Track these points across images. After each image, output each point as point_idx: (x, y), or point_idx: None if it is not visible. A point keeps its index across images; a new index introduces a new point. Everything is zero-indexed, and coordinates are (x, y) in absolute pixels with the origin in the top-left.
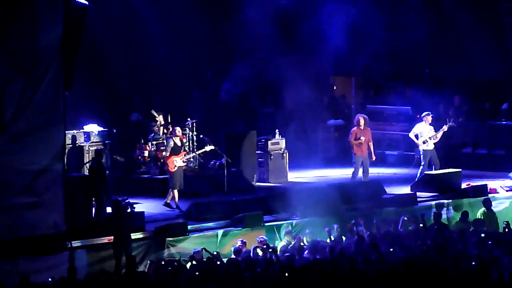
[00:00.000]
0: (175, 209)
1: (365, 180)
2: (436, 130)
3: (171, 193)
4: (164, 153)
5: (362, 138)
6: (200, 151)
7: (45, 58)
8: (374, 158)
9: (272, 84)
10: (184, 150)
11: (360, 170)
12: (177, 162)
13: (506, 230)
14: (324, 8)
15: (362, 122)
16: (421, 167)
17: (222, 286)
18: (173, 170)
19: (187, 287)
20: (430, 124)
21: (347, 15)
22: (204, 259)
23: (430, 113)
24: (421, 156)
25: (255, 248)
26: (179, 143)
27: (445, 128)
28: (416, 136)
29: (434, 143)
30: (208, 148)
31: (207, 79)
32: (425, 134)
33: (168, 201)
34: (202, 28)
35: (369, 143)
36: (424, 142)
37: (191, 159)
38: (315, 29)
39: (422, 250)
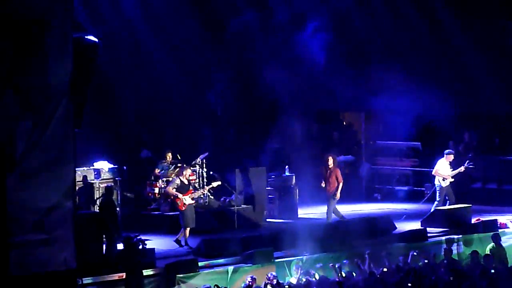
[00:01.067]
0: (184, 246)
1: (328, 218)
2: (454, 168)
3: (183, 230)
4: (168, 188)
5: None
6: (207, 188)
7: (55, 95)
8: (337, 197)
9: (279, 120)
10: (193, 188)
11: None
12: (186, 200)
13: None
14: None
15: (330, 161)
16: (435, 203)
17: None
18: (183, 208)
19: None
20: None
21: None
22: None
23: (452, 151)
24: (437, 192)
25: (266, 285)
26: (185, 182)
27: (462, 168)
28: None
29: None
30: (215, 184)
31: (217, 115)
32: (445, 171)
33: (179, 238)
34: (212, 64)
35: (339, 183)
36: (443, 179)
37: (201, 196)
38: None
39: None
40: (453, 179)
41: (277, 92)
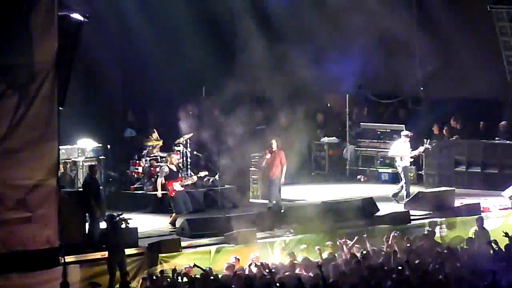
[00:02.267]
0: (171, 225)
1: (276, 202)
2: (414, 149)
3: (177, 215)
4: (158, 180)
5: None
6: (194, 178)
7: (39, 74)
8: (283, 181)
9: (265, 100)
10: (180, 175)
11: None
12: (176, 186)
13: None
14: None
15: (274, 144)
16: (402, 184)
17: None
18: (173, 194)
19: None
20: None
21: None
22: (197, 275)
23: (408, 133)
24: (402, 173)
25: (250, 265)
26: (174, 169)
27: (421, 149)
28: None
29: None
30: (202, 173)
31: (201, 95)
32: (401, 151)
33: (172, 222)
34: (196, 43)
35: (283, 166)
36: (401, 159)
37: (189, 184)
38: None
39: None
40: (412, 159)
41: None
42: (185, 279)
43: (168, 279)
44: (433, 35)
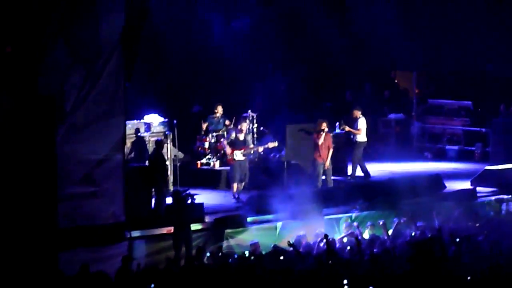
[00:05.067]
0: (236, 200)
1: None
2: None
3: (232, 185)
4: (224, 141)
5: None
6: (261, 148)
7: (106, 48)
8: (327, 166)
9: (331, 77)
10: (246, 145)
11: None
12: (237, 155)
13: None
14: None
15: (324, 126)
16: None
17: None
18: (232, 162)
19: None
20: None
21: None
22: (263, 252)
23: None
24: None
25: (319, 242)
26: (241, 138)
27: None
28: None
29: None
30: (271, 145)
31: (268, 72)
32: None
33: (234, 194)
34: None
35: (329, 150)
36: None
37: (251, 152)
38: (373, 22)
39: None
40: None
41: (330, 50)
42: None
43: (235, 255)
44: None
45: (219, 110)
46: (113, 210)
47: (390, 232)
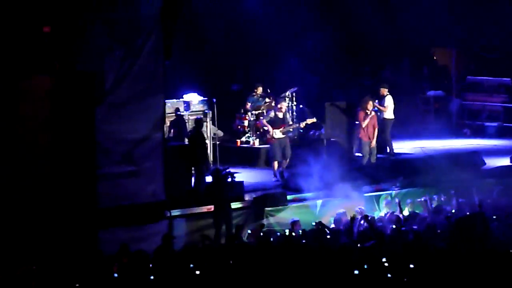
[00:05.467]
0: (276, 179)
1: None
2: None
3: (273, 164)
4: (263, 120)
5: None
6: (302, 124)
7: (144, 27)
8: (373, 145)
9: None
10: (285, 123)
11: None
12: (276, 134)
13: None
14: None
15: (370, 105)
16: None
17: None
18: (272, 141)
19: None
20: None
21: None
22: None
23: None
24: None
25: (361, 219)
26: (280, 116)
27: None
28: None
29: None
30: (310, 121)
31: (306, 50)
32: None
33: (276, 172)
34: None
35: (375, 130)
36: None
37: (290, 130)
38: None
39: None
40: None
41: (369, 26)
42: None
43: (277, 233)
44: None
45: (259, 90)
46: (153, 189)
47: (430, 209)
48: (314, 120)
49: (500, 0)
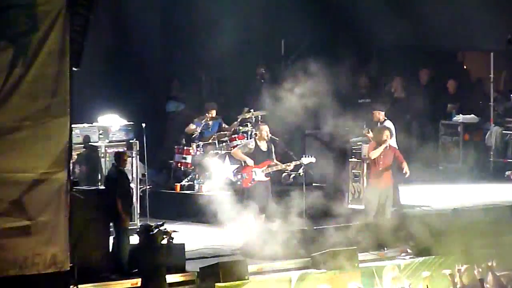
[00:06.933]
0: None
1: (382, 221)
2: None
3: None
4: (236, 150)
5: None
6: (290, 165)
7: (44, 18)
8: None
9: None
10: (269, 159)
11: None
12: (256, 174)
13: None
14: None
15: (386, 135)
16: None
17: None
18: (248, 185)
19: None
20: None
21: None
22: None
23: None
24: None
25: None
26: (264, 148)
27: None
28: None
29: None
30: (306, 160)
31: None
32: None
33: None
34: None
35: (402, 163)
36: None
37: (275, 170)
38: None
39: None
40: None
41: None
42: None
43: None
44: None
45: (212, 113)
46: (53, 254)
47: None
48: (313, 160)
49: None
